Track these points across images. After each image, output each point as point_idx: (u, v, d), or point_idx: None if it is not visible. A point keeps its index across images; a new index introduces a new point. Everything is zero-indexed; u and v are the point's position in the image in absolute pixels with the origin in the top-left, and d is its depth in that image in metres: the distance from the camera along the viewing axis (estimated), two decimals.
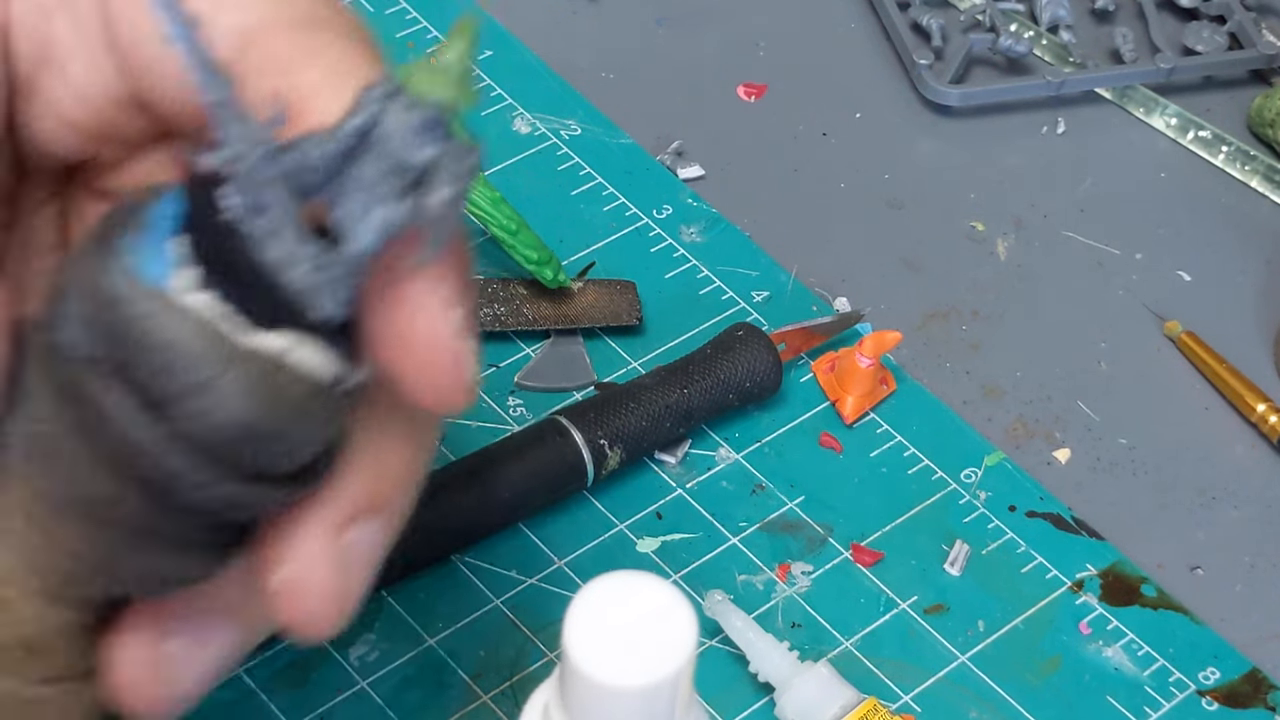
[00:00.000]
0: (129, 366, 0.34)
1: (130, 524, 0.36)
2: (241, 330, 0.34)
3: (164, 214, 0.35)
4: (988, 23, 0.73)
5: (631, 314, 0.61)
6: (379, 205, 0.34)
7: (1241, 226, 0.68)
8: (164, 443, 0.35)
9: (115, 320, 0.34)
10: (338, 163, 0.34)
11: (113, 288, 0.34)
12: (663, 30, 0.73)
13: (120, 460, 0.35)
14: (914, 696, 0.54)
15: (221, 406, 0.34)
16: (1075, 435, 0.61)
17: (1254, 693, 0.55)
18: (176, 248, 0.35)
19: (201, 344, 0.34)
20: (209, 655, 0.39)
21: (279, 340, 0.35)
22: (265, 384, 0.34)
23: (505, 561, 0.55)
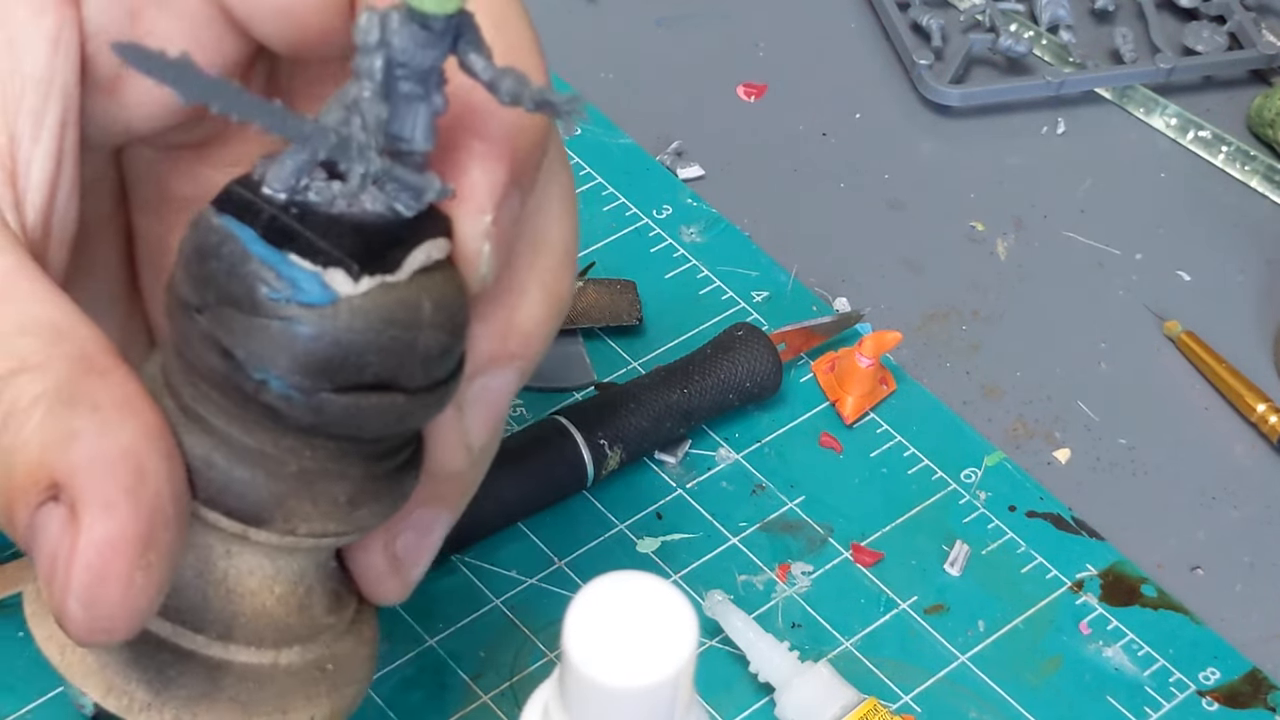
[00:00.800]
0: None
1: (351, 470, 0.40)
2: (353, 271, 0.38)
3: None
4: (988, 23, 0.73)
5: (631, 314, 0.61)
6: (421, 106, 0.38)
7: (1241, 226, 0.68)
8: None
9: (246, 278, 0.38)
10: (380, 94, 0.37)
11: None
12: (663, 30, 0.73)
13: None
14: (914, 696, 0.54)
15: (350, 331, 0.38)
16: (1075, 435, 0.61)
17: (1254, 693, 0.55)
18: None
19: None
20: (432, 541, 0.44)
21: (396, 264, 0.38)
22: (381, 306, 0.38)
23: (505, 561, 0.55)
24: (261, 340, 0.37)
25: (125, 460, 0.36)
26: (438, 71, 0.38)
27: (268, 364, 0.37)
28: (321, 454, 0.39)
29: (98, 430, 0.36)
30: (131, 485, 0.36)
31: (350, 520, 0.40)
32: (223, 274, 0.38)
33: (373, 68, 0.37)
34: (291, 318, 0.37)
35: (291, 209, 0.38)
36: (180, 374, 0.39)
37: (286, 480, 0.39)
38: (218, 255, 0.38)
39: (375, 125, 0.38)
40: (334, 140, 0.38)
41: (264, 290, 0.37)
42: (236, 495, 0.39)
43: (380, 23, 0.37)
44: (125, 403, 0.37)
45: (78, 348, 0.38)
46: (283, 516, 0.39)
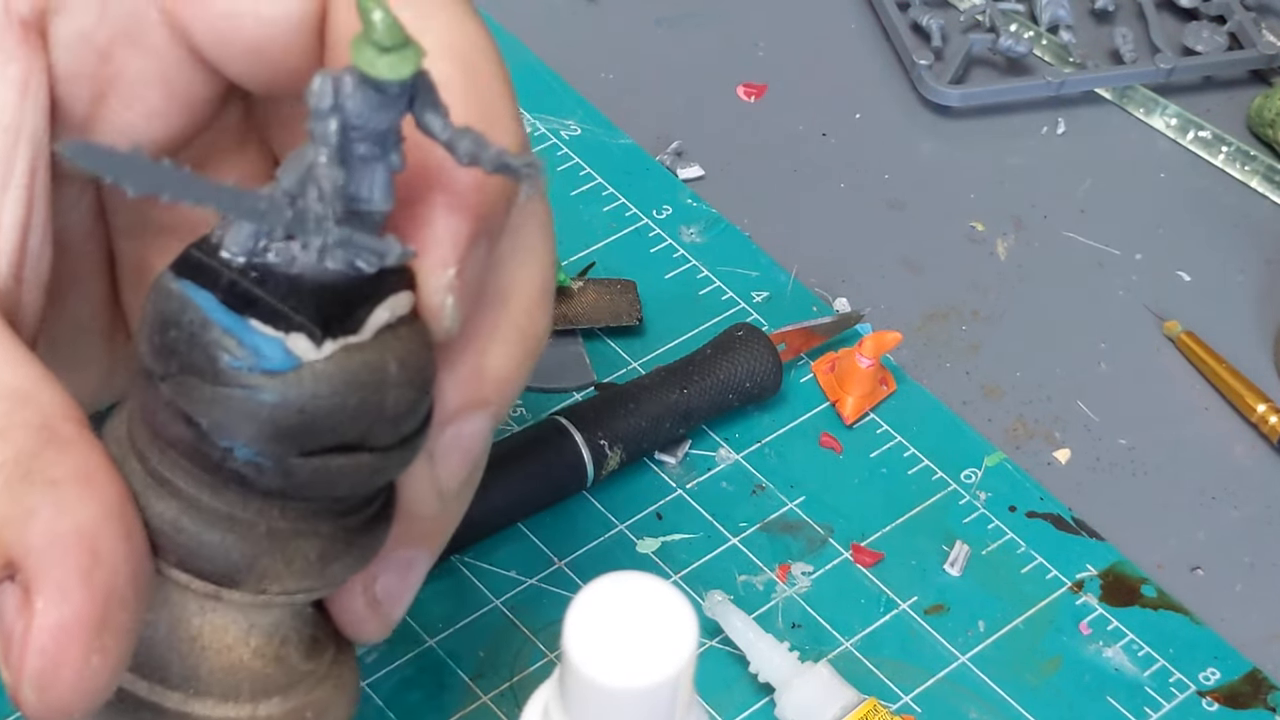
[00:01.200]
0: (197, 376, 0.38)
1: (318, 531, 0.40)
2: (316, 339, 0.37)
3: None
4: (988, 23, 0.73)
5: (631, 314, 0.61)
6: (379, 166, 0.38)
7: (1241, 226, 0.68)
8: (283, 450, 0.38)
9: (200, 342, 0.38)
10: (335, 159, 0.37)
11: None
12: (662, 30, 0.72)
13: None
14: (914, 697, 0.54)
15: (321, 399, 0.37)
16: (1075, 435, 0.61)
17: (1254, 693, 0.55)
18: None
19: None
20: (412, 581, 0.44)
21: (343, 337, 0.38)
22: (348, 369, 0.38)
23: (505, 561, 0.55)
24: (225, 409, 0.37)
25: (80, 542, 0.36)
26: (395, 131, 0.37)
27: (233, 433, 0.37)
28: (291, 514, 0.39)
29: (54, 509, 0.36)
30: (86, 569, 0.36)
31: (323, 577, 0.40)
32: (184, 343, 0.37)
33: (327, 132, 0.37)
34: (255, 386, 0.37)
35: (251, 272, 0.38)
36: (146, 439, 0.39)
37: (257, 542, 0.39)
38: (178, 324, 0.37)
39: (332, 193, 0.37)
40: (289, 216, 0.37)
41: (226, 359, 0.37)
42: (207, 559, 0.39)
43: (333, 87, 0.36)
44: (84, 478, 0.37)
45: (40, 415, 0.37)
46: (255, 578, 0.39)
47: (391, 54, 0.36)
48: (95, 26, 0.40)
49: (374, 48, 0.36)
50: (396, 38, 0.36)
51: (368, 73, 0.36)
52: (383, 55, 0.36)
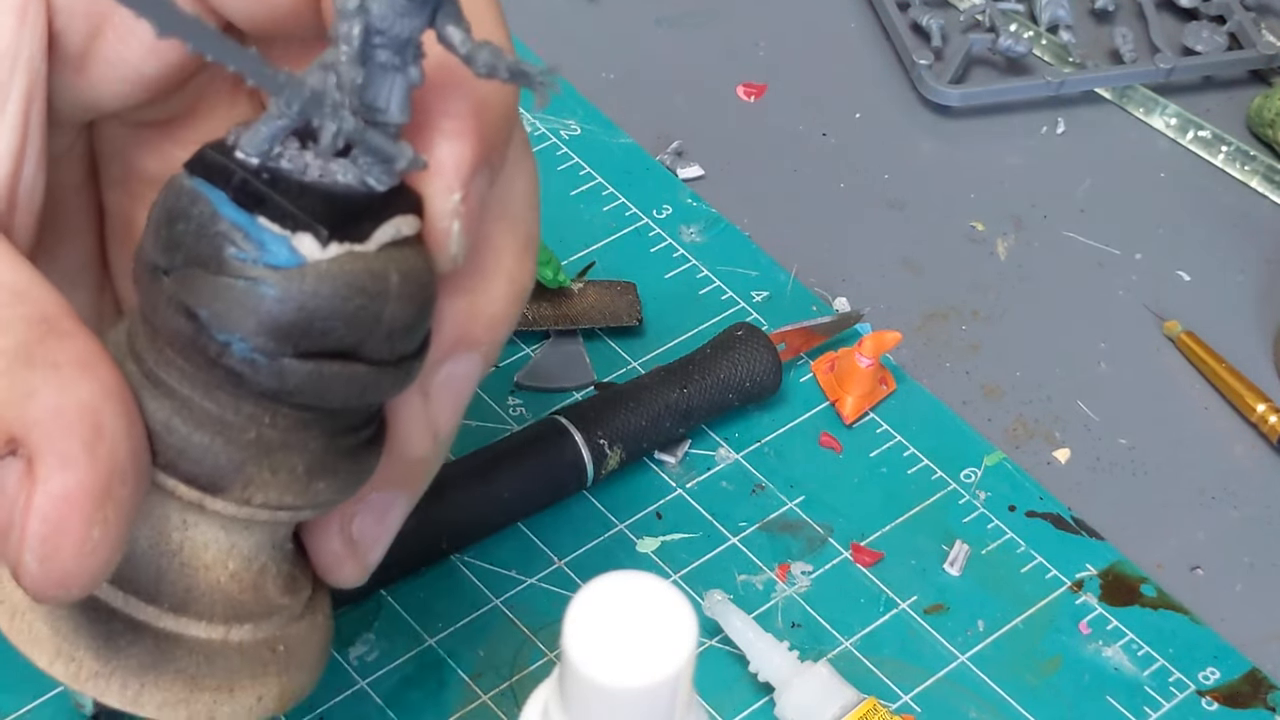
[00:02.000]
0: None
1: (304, 443, 0.40)
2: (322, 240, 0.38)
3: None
4: (987, 23, 0.73)
5: (631, 315, 0.61)
6: (398, 77, 0.38)
7: (1241, 226, 0.68)
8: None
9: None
10: (356, 59, 0.38)
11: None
12: (663, 30, 0.73)
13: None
14: (914, 696, 0.54)
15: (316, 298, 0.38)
16: (1075, 435, 0.61)
17: (1254, 693, 0.55)
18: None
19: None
20: (390, 524, 0.44)
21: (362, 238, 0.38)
22: (350, 275, 0.38)
23: (505, 561, 0.55)
24: (227, 301, 0.37)
25: (83, 416, 0.36)
26: (415, 43, 0.38)
27: (232, 326, 0.38)
28: (282, 423, 0.39)
29: (56, 387, 0.36)
30: (89, 440, 0.36)
31: (308, 494, 0.40)
32: (191, 235, 0.38)
33: (350, 33, 0.37)
34: (258, 279, 0.37)
35: (263, 174, 0.38)
36: (144, 339, 0.39)
37: (245, 447, 0.39)
38: (187, 216, 0.38)
39: (350, 86, 0.37)
40: (308, 94, 0.38)
41: (231, 251, 0.37)
42: (194, 460, 0.39)
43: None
44: (85, 362, 0.37)
45: (38, 310, 0.38)
46: (240, 485, 0.39)
47: None
48: None
49: None
50: None
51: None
52: None
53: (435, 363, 0.42)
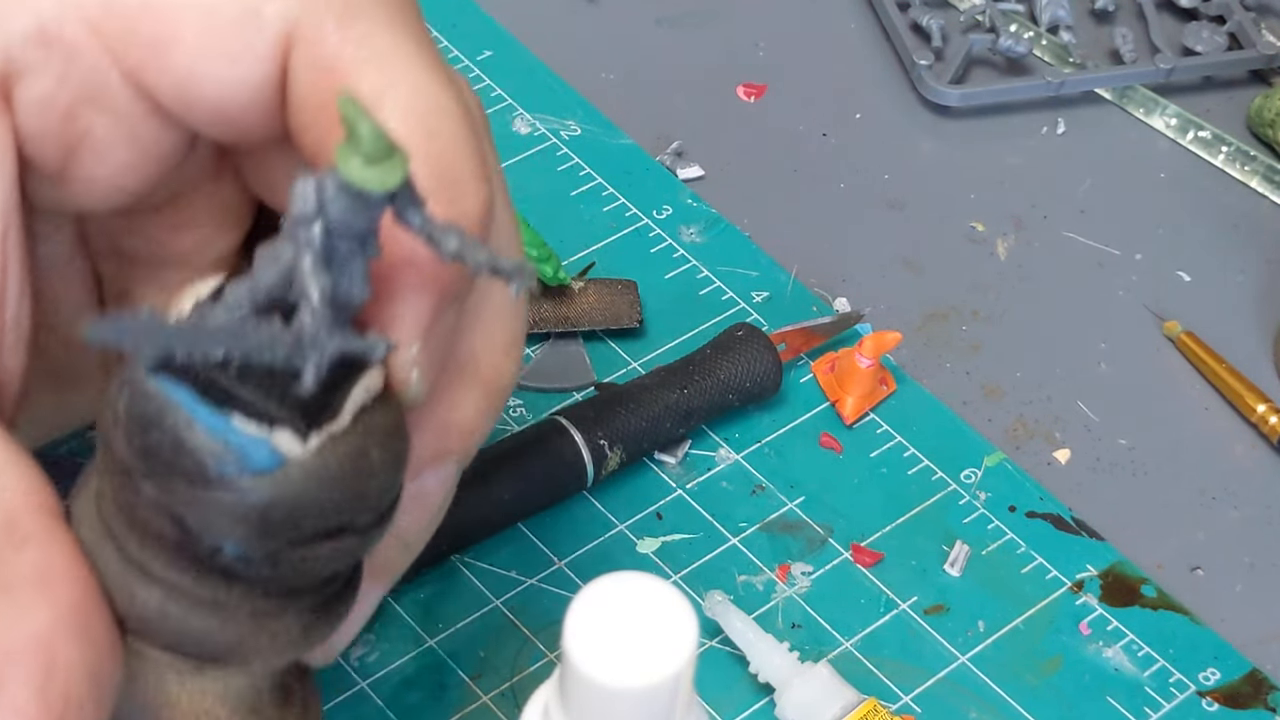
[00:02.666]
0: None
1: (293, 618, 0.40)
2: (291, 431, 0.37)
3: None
4: (988, 23, 0.73)
5: (632, 316, 0.61)
6: (358, 259, 0.37)
7: (1241, 226, 0.68)
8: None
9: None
10: (321, 264, 0.37)
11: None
12: (663, 30, 0.72)
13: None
14: (914, 697, 0.54)
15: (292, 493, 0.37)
16: (1075, 435, 0.61)
17: (1254, 693, 0.55)
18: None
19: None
20: (363, 613, 0.44)
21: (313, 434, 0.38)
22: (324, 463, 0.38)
23: (505, 562, 0.55)
24: (216, 512, 0.37)
25: (35, 653, 0.35)
26: (374, 229, 0.37)
27: (222, 533, 0.37)
28: (275, 594, 0.39)
29: (7, 618, 0.35)
30: (40, 682, 0.35)
31: (305, 645, 0.40)
32: (167, 447, 0.37)
33: (312, 237, 0.36)
34: (244, 489, 0.37)
35: (229, 365, 0.37)
36: (123, 527, 0.38)
37: (242, 623, 0.39)
38: (160, 426, 0.37)
39: (322, 300, 0.37)
40: (291, 342, 0.37)
41: (213, 464, 0.37)
42: (194, 643, 0.39)
43: (315, 193, 0.36)
44: (41, 580, 0.36)
45: (1, 509, 0.36)
46: (240, 656, 0.39)
47: (378, 165, 0.36)
48: (56, 90, 0.40)
49: (360, 158, 0.36)
50: (382, 149, 0.35)
51: (353, 183, 0.36)
52: (369, 166, 0.36)
53: (405, 481, 0.41)
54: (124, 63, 0.39)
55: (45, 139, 0.40)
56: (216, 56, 0.39)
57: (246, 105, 0.40)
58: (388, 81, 0.39)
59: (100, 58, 0.39)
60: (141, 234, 0.45)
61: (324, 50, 0.39)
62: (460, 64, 0.69)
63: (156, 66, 0.39)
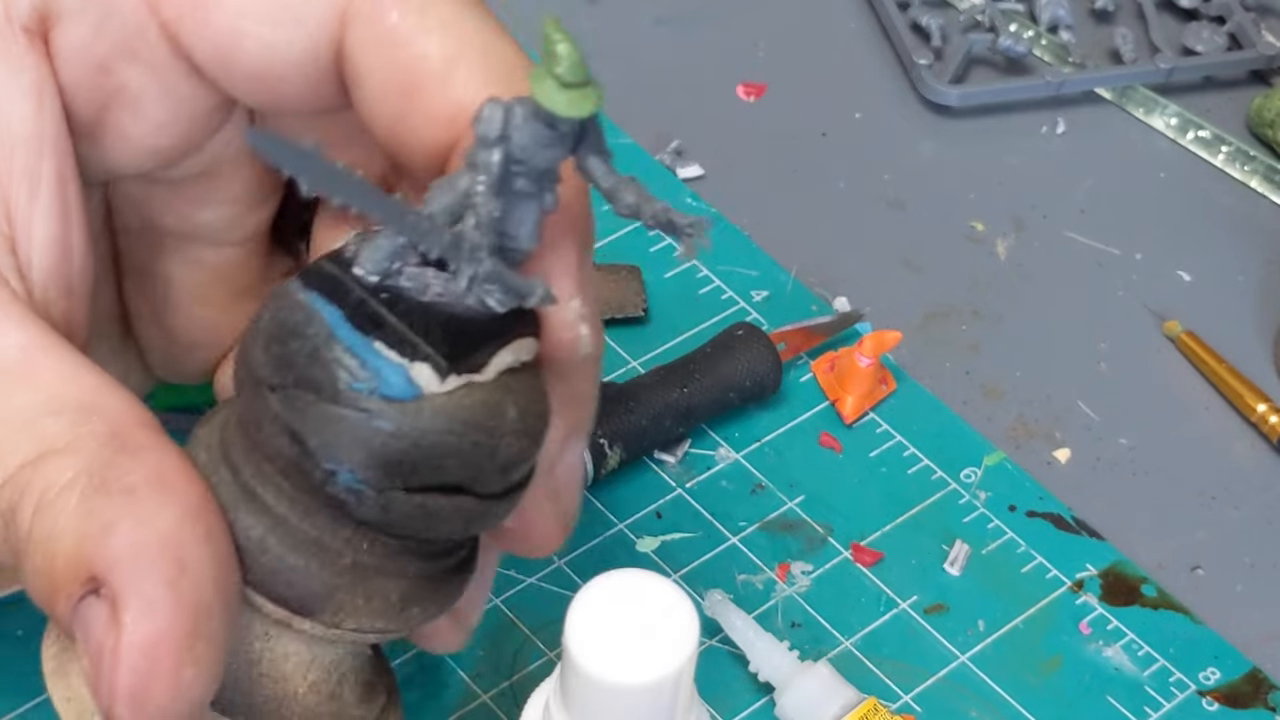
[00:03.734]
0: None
1: (436, 567, 0.39)
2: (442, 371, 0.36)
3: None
4: (987, 23, 0.73)
5: (638, 303, 0.61)
6: (533, 204, 0.37)
7: (1241, 226, 0.68)
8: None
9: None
10: (494, 190, 0.36)
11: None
12: (662, 30, 0.72)
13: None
14: (914, 696, 0.54)
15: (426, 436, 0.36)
16: (1075, 435, 0.61)
17: (1254, 693, 0.55)
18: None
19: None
20: (487, 588, 0.44)
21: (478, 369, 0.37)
22: (468, 408, 0.37)
23: (505, 561, 0.55)
24: (337, 430, 0.36)
25: (164, 550, 0.35)
26: (554, 170, 0.36)
27: (340, 456, 0.36)
28: (380, 550, 0.38)
29: (134, 518, 0.35)
30: (172, 578, 0.35)
31: (399, 619, 0.39)
32: (304, 356, 0.36)
33: (490, 163, 0.36)
34: (372, 411, 0.36)
35: (382, 293, 0.37)
36: (242, 450, 0.38)
37: (341, 573, 0.38)
38: (301, 335, 0.36)
39: (488, 224, 0.36)
40: (448, 240, 0.36)
41: (346, 379, 0.36)
42: (286, 583, 0.38)
43: (503, 116, 0.35)
44: (161, 483, 0.36)
45: (107, 424, 0.36)
46: (331, 609, 0.38)
47: (573, 90, 0.35)
48: (94, 39, 0.40)
49: (555, 81, 0.34)
50: (580, 74, 0.35)
51: (546, 106, 0.35)
52: (564, 90, 0.35)
53: (553, 460, 0.40)
54: (162, 16, 0.39)
55: (80, 90, 0.40)
56: (260, 20, 0.39)
57: (288, 74, 0.40)
58: (457, 49, 0.39)
59: (139, 9, 0.39)
60: (170, 206, 0.44)
61: (385, 24, 0.38)
62: None
63: (195, 23, 0.39)
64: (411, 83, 0.38)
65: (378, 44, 0.38)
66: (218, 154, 0.43)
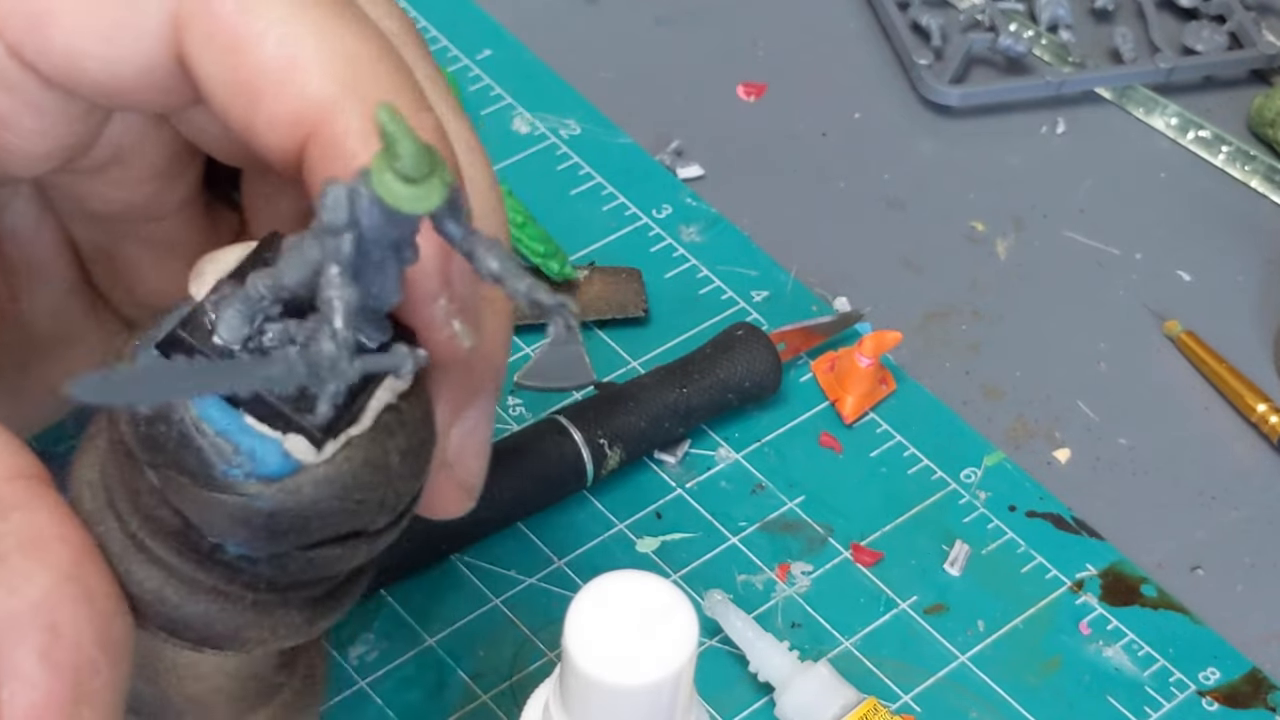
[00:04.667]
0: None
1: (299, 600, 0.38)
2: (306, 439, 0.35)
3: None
4: (987, 22, 0.73)
5: (638, 305, 0.61)
6: (391, 265, 0.35)
7: (1241, 226, 0.68)
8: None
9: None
10: (348, 278, 0.34)
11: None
12: (663, 30, 0.72)
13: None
14: (914, 696, 0.54)
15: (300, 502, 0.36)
16: (1075, 435, 0.61)
17: (1254, 693, 0.55)
18: None
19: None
20: (481, 450, 0.41)
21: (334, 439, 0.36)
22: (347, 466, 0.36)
23: (505, 561, 0.55)
24: (217, 514, 0.35)
25: (36, 619, 0.34)
26: (409, 237, 0.35)
27: (225, 534, 0.35)
28: (281, 585, 0.37)
29: (4, 588, 0.34)
30: (45, 647, 0.34)
31: (307, 634, 0.39)
32: (173, 442, 0.35)
33: (340, 249, 0.34)
34: (250, 495, 0.35)
35: None
36: (126, 505, 0.37)
37: (244, 612, 0.37)
38: (166, 420, 0.35)
39: (346, 318, 0.34)
40: (304, 370, 0.34)
41: (220, 464, 0.35)
42: (189, 628, 0.37)
43: (348, 202, 0.33)
44: (33, 544, 0.35)
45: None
46: (239, 643, 0.38)
47: (416, 185, 0.33)
48: None
49: (396, 176, 0.33)
50: (422, 168, 0.33)
51: (388, 202, 0.33)
52: (406, 185, 0.33)
53: (444, 433, 0.40)
54: (6, 40, 0.38)
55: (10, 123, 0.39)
56: (93, 36, 0.38)
57: (137, 85, 0.38)
58: (293, 48, 0.37)
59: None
60: (94, 193, 0.44)
61: (219, 27, 0.37)
62: (460, 63, 0.69)
63: (35, 43, 0.38)
64: (250, 86, 0.37)
65: (212, 49, 0.37)
66: (117, 141, 0.42)
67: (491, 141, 0.66)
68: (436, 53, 0.69)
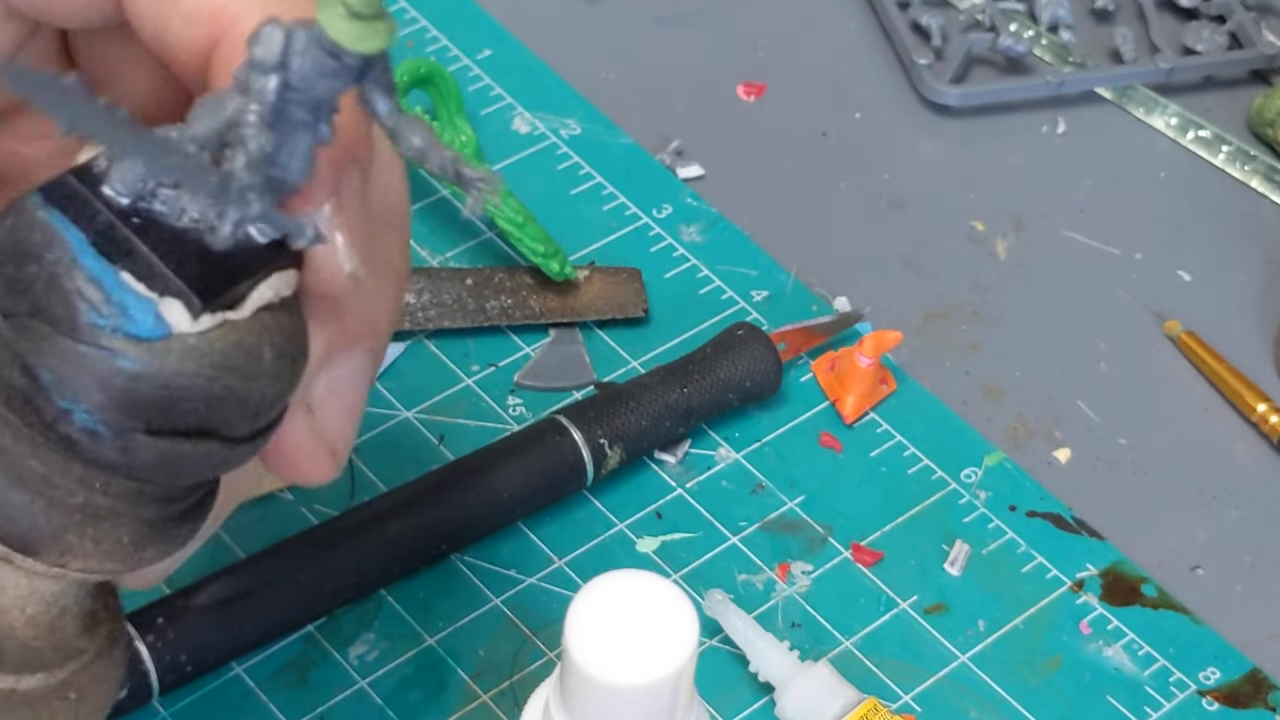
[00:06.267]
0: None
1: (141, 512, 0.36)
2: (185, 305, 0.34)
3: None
4: (987, 22, 0.73)
5: (638, 305, 0.61)
6: (306, 135, 0.34)
7: (1241, 226, 0.68)
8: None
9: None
10: (267, 122, 0.33)
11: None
12: (663, 30, 0.72)
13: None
14: (914, 696, 0.54)
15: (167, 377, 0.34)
16: (1075, 435, 0.61)
17: (1254, 693, 0.55)
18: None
19: None
20: (353, 412, 0.40)
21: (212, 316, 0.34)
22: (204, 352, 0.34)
23: (505, 561, 0.55)
24: (75, 368, 0.33)
25: None
26: (333, 101, 0.34)
27: (77, 395, 0.33)
28: (114, 491, 0.35)
29: None
30: None
31: (130, 562, 0.36)
32: (42, 283, 0.33)
33: (265, 90, 0.33)
34: (115, 350, 0.33)
35: (133, 217, 0.34)
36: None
37: (69, 513, 0.35)
38: (38, 258, 0.33)
39: (259, 160, 0.33)
40: (214, 182, 0.33)
41: (88, 313, 0.33)
42: (8, 519, 0.35)
43: (283, 41, 0.33)
44: None
45: None
46: (57, 551, 0.35)
47: (363, 22, 0.32)
48: None
49: (345, 9, 0.32)
50: (373, 5, 0.32)
51: (331, 36, 0.32)
52: (353, 21, 0.32)
53: (312, 373, 0.38)
54: None
55: None
56: None
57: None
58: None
59: None
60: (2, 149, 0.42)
61: None
62: (460, 62, 0.69)
63: None
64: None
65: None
66: None
67: (491, 141, 0.66)
68: (437, 53, 0.69)
